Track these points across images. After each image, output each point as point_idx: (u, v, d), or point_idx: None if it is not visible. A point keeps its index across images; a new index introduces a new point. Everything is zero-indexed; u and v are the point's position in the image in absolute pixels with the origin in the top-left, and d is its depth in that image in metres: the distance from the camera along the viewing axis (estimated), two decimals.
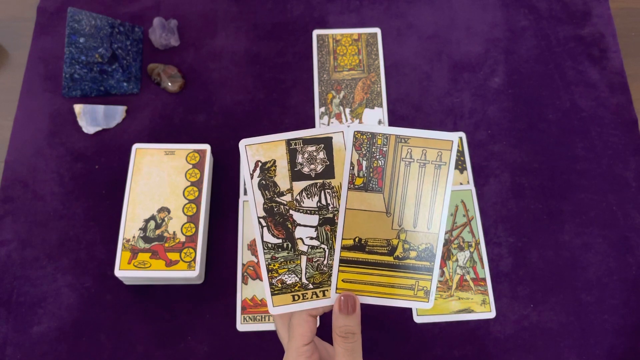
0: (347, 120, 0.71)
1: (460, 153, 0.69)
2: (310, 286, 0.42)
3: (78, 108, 0.70)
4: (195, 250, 0.59)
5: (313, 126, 0.71)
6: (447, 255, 0.64)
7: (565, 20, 0.77)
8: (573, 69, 0.74)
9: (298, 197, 0.42)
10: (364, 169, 0.42)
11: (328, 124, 0.70)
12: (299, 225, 0.42)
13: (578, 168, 0.69)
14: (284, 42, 0.76)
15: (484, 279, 0.63)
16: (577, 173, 0.68)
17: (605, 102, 0.72)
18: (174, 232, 0.60)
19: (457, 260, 0.64)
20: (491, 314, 0.62)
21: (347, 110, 0.72)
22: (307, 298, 0.42)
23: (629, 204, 0.67)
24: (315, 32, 0.76)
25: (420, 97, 0.73)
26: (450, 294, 0.62)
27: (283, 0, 0.78)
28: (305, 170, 0.43)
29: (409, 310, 0.62)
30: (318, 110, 0.72)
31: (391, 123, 0.71)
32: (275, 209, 0.42)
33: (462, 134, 0.70)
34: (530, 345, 0.60)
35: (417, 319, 0.61)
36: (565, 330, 0.61)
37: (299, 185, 0.43)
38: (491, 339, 0.61)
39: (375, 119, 0.71)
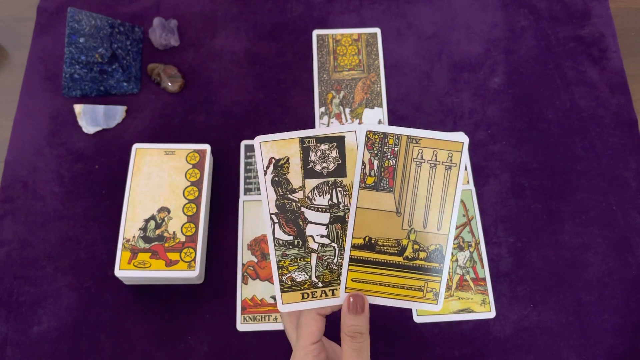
0: (347, 121, 0.71)
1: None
2: (320, 285, 0.42)
3: (78, 108, 0.70)
4: (195, 250, 0.59)
5: (313, 126, 0.71)
6: None
7: (565, 20, 0.77)
8: (573, 69, 0.74)
9: (310, 195, 0.43)
10: (375, 168, 0.42)
11: (328, 124, 0.71)
12: (310, 222, 0.43)
13: (578, 168, 0.69)
14: (284, 42, 0.76)
15: (483, 279, 0.63)
16: (577, 173, 0.68)
17: (605, 102, 0.72)
18: (174, 232, 0.60)
19: (457, 260, 0.64)
20: (491, 314, 0.62)
21: (347, 110, 0.72)
22: (316, 297, 0.42)
23: (629, 204, 0.67)
24: (315, 32, 0.76)
25: (420, 97, 0.73)
26: (450, 293, 0.62)
27: (283, 0, 0.78)
28: (318, 168, 0.43)
29: (409, 310, 0.62)
30: (318, 110, 0.72)
31: (391, 123, 0.71)
32: (287, 206, 0.43)
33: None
34: (530, 345, 0.60)
35: (417, 319, 0.61)
36: (565, 330, 0.61)
37: (311, 183, 0.43)
38: (491, 339, 0.61)
39: (375, 119, 0.71)
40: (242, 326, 0.61)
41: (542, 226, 0.66)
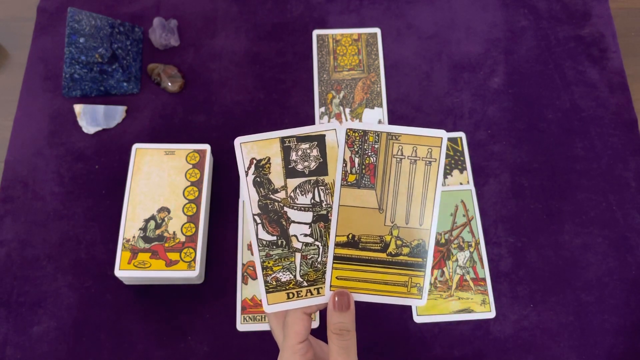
0: (347, 121, 0.71)
1: (460, 153, 0.69)
2: (305, 284, 0.42)
3: (78, 108, 0.70)
4: (195, 250, 0.59)
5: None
6: (447, 255, 0.64)
7: (565, 20, 0.77)
8: (573, 69, 0.74)
9: (292, 194, 0.43)
10: (356, 165, 0.42)
11: None
12: (293, 222, 0.43)
13: (578, 168, 0.69)
14: (284, 42, 0.76)
15: (483, 279, 0.63)
16: (577, 173, 0.68)
17: (605, 102, 0.72)
18: (174, 232, 0.60)
19: (457, 260, 0.64)
20: (491, 314, 0.62)
21: (347, 110, 0.72)
22: (302, 296, 0.42)
23: (629, 204, 0.67)
24: (315, 32, 0.76)
25: (420, 97, 0.73)
26: (450, 293, 0.62)
27: (283, 0, 0.78)
28: (299, 167, 0.43)
29: (409, 310, 0.62)
30: (318, 110, 0.72)
31: (391, 123, 0.71)
32: (270, 206, 0.43)
33: (462, 134, 0.70)
34: (530, 345, 0.60)
35: (417, 319, 0.61)
36: (565, 330, 0.61)
37: (293, 182, 0.43)
38: (491, 339, 0.61)
39: (375, 119, 0.71)
40: (242, 326, 0.61)
41: (542, 226, 0.66)
